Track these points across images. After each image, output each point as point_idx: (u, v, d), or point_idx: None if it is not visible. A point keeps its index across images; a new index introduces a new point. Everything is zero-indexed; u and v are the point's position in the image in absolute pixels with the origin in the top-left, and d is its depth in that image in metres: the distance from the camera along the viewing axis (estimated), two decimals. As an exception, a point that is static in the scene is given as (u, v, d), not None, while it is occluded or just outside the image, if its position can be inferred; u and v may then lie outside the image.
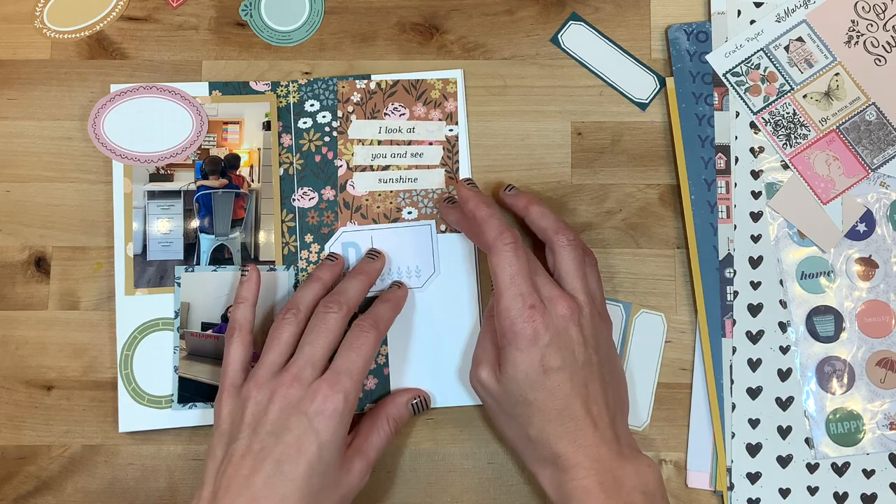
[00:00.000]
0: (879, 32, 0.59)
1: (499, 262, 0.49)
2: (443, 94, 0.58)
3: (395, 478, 0.56)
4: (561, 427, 0.48)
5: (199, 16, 0.60)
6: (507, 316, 0.49)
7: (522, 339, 0.48)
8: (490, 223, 0.50)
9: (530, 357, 0.48)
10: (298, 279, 0.57)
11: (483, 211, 0.51)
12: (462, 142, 0.58)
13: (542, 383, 0.48)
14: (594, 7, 0.60)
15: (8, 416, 0.57)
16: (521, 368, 0.48)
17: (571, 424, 0.48)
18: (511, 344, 0.49)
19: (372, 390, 0.56)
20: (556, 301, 0.49)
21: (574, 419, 0.48)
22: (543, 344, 0.48)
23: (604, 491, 0.47)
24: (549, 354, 0.48)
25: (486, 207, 0.51)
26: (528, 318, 0.48)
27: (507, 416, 0.51)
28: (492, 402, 0.51)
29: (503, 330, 0.49)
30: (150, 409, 0.56)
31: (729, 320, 0.56)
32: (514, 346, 0.49)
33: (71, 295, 0.58)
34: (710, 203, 0.57)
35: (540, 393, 0.48)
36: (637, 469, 0.48)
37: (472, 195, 0.52)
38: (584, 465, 0.47)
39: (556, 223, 0.52)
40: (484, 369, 0.51)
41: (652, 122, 0.59)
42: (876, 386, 0.56)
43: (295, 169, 0.58)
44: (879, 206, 0.57)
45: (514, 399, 0.49)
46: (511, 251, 0.49)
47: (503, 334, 0.49)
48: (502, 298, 0.49)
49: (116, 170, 0.58)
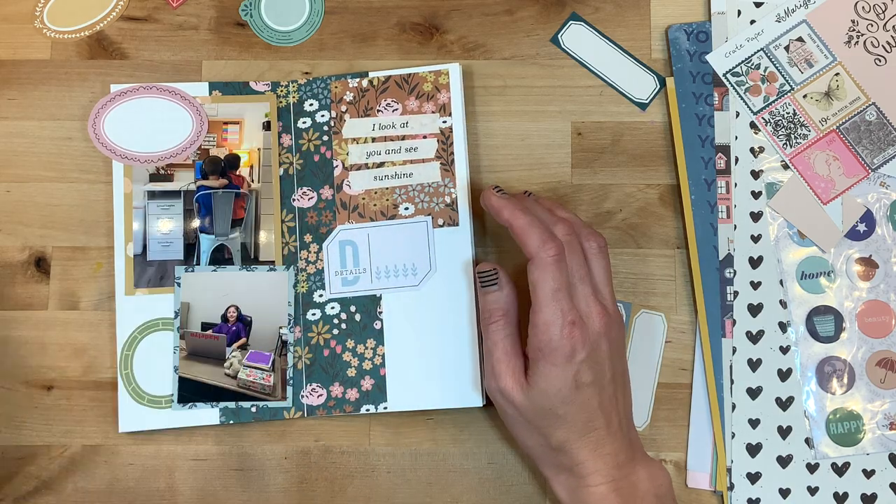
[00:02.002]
0: (879, 32, 0.59)
1: (541, 276, 0.48)
2: (435, 86, 0.58)
3: (395, 478, 0.56)
4: (585, 437, 0.48)
5: (199, 16, 0.60)
6: (546, 331, 0.48)
7: (560, 356, 0.48)
8: (530, 233, 0.49)
9: (565, 373, 0.48)
10: (298, 279, 0.57)
11: (521, 220, 0.49)
12: (458, 133, 0.58)
13: (574, 398, 0.48)
14: (594, 7, 0.60)
15: (8, 416, 0.57)
16: (554, 383, 0.48)
17: (594, 435, 0.48)
18: (546, 358, 0.48)
19: (368, 391, 0.56)
20: (593, 316, 0.49)
21: (597, 429, 0.49)
22: (579, 360, 0.48)
23: (620, 496, 0.48)
24: (583, 370, 0.48)
25: (524, 216, 0.50)
26: (568, 336, 0.47)
27: (529, 426, 0.50)
28: (513, 411, 0.50)
29: (539, 344, 0.48)
30: (150, 409, 0.56)
31: (729, 320, 0.56)
32: (550, 361, 0.48)
33: (71, 295, 0.58)
34: (710, 203, 0.57)
35: (571, 407, 0.48)
36: (650, 473, 0.49)
37: (505, 203, 0.51)
38: (601, 472, 0.48)
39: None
40: (506, 380, 0.50)
41: (652, 122, 0.59)
42: (876, 386, 0.56)
43: (295, 169, 0.58)
44: (879, 206, 0.57)
45: (541, 411, 0.49)
46: (554, 264, 0.48)
47: (539, 348, 0.48)
48: (541, 313, 0.48)
49: (116, 170, 0.58)
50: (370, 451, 0.57)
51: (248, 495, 0.56)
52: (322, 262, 0.57)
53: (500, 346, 0.51)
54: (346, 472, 0.56)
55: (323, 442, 0.57)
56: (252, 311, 0.57)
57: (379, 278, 0.57)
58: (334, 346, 0.56)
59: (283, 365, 0.56)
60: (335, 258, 0.57)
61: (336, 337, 0.57)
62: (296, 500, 0.56)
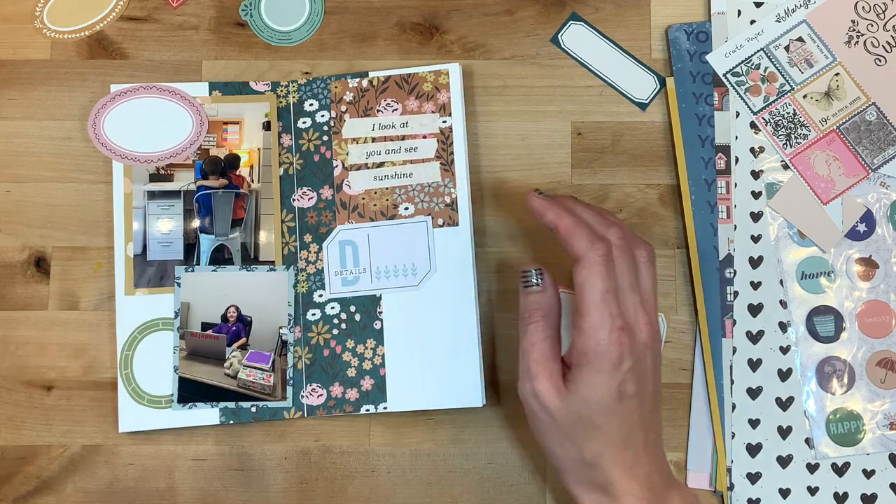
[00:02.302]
0: (879, 32, 0.59)
1: (588, 277, 0.46)
2: (435, 86, 0.58)
3: (395, 478, 0.56)
4: (621, 454, 0.47)
5: (199, 16, 0.60)
6: (594, 336, 0.46)
7: (606, 362, 0.46)
8: (577, 233, 0.47)
9: (609, 381, 0.46)
10: (298, 279, 0.57)
11: (566, 220, 0.48)
12: (458, 133, 0.58)
13: (615, 409, 0.46)
14: (594, 7, 0.60)
15: (8, 416, 0.57)
16: (597, 391, 0.46)
17: (631, 453, 0.47)
18: (591, 364, 0.46)
19: (368, 391, 0.56)
20: (641, 326, 0.47)
21: (634, 447, 0.47)
22: (625, 369, 0.46)
23: None
24: (627, 381, 0.46)
25: (569, 216, 0.48)
26: (616, 341, 0.46)
27: (562, 435, 0.48)
28: (546, 417, 0.48)
29: (585, 348, 0.46)
30: (150, 409, 0.56)
31: (729, 320, 0.56)
32: (595, 367, 0.46)
33: (71, 295, 0.58)
34: (710, 203, 0.57)
35: (610, 418, 0.46)
36: (683, 497, 0.48)
37: (549, 205, 0.49)
38: (635, 494, 0.46)
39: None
40: (542, 383, 0.47)
41: (652, 122, 0.59)
42: (876, 386, 0.56)
43: (295, 169, 0.58)
44: (879, 206, 0.57)
45: (578, 420, 0.47)
46: (603, 265, 0.46)
47: (584, 353, 0.46)
48: (589, 316, 0.46)
49: (116, 170, 0.58)
50: (370, 451, 0.57)
51: (248, 495, 0.56)
52: (322, 262, 0.57)
53: (538, 348, 0.48)
54: (346, 472, 0.56)
55: (323, 442, 0.57)
56: (252, 311, 0.57)
57: (379, 278, 0.57)
58: (334, 346, 0.56)
59: (283, 365, 0.56)
60: (335, 258, 0.57)
61: (336, 337, 0.57)
62: (296, 500, 0.56)
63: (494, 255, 0.58)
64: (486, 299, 0.58)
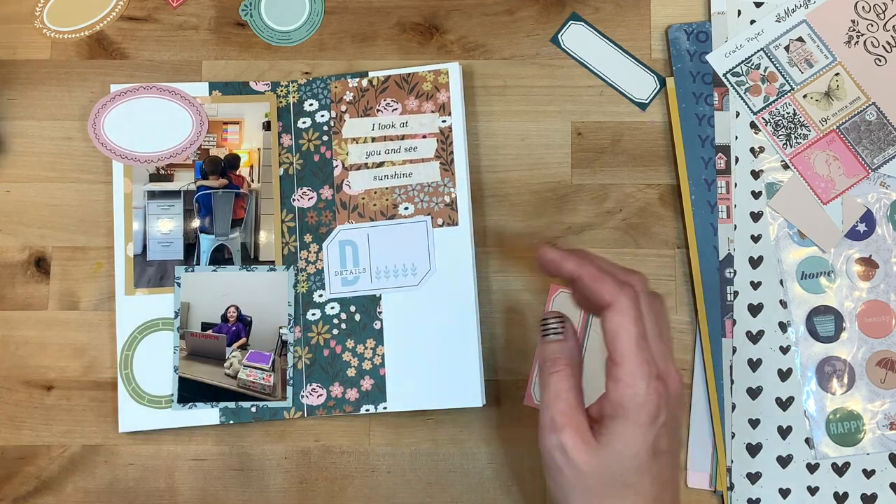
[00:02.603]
0: (879, 32, 0.59)
1: (622, 323, 0.43)
2: (435, 85, 0.58)
3: (395, 478, 0.56)
4: None
5: (199, 16, 0.60)
6: (632, 385, 0.43)
7: (645, 413, 0.42)
8: (604, 279, 0.44)
9: (646, 435, 0.43)
10: (298, 279, 0.57)
11: (589, 268, 0.45)
12: (457, 132, 0.58)
13: (649, 466, 0.43)
14: (594, 7, 0.60)
15: (8, 416, 0.57)
16: (633, 446, 0.43)
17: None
18: (628, 416, 0.43)
19: (368, 391, 0.56)
20: (672, 377, 0.44)
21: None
22: (661, 423, 0.43)
23: None
24: (662, 435, 0.43)
25: (590, 264, 0.45)
26: (655, 391, 0.43)
27: (589, 494, 0.44)
28: (572, 473, 0.44)
29: (621, 399, 0.43)
30: (150, 409, 0.56)
31: (729, 320, 0.56)
32: (633, 420, 0.43)
33: (71, 295, 0.58)
34: (710, 203, 0.57)
35: (643, 477, 0.43)
36: None
37: (566, 255, 0.46)
38: None
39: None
40: (570, 436, 0.44)
41: (652, 122, 0.59)
42: (876, 386, 0.56)
43: (295, 169, 0.58)
44: (879, 206, 0.57)
45: (609, 476, 0.43)
46: (636, 310, 0.43)
47: (620, 404, 0.43)
48: (626, 364, 0.43)
49: (116, 170, 0.58)
50: (370, 451, 0.57)
51: (248, 495, 0.56)
52: (322, 262, 0.57)
53: (563, 398, 0.45)
54: (346, 472, 0.56)
55: (323, 442, 0.57)
56: (252, 311, 0.57)
57: (379, 278, 0.57)
58: (334, 346, 0.56)
59: (283, 365, 0.56)
60: (335, 258, 0.57)
61: (336, 337, 0.57)
62: (296, 500, 0.56)
63: (494, 256, 0.58)
64: (486, 299, 0.58)
